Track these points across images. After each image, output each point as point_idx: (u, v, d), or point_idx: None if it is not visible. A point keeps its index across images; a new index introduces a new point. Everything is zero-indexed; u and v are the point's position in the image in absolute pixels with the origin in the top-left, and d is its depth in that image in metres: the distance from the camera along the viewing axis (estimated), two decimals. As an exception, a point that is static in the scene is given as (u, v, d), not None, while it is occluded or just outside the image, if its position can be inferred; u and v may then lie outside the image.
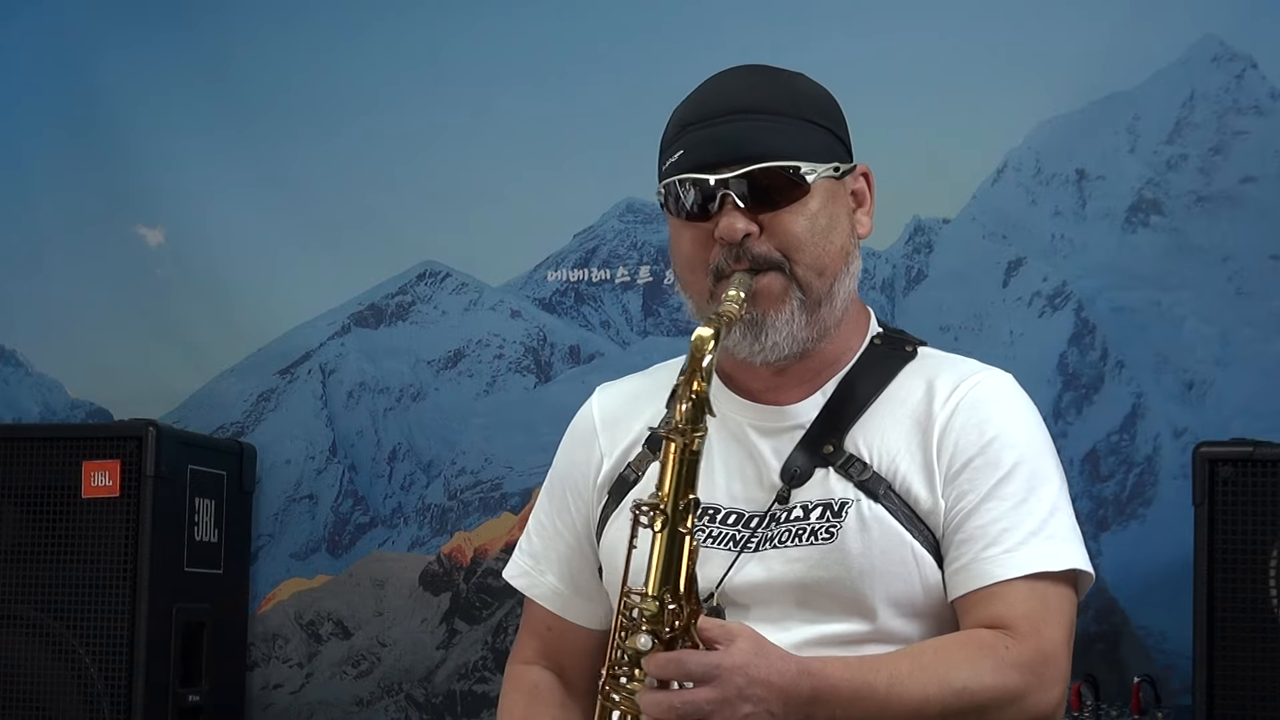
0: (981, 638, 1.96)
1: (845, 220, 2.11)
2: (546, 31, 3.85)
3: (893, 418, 2.09)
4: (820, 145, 2.08)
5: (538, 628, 2.28)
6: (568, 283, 3.85)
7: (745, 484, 2.10)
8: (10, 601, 3.43)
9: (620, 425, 2.21)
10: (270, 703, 3.90)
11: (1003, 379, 2.14)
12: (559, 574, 2.25)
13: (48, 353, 4.16)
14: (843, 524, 2.03)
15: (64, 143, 4.14)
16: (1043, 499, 2.04)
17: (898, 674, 1.89)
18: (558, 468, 2.29)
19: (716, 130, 2.05)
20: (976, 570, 2.00)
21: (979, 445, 2.04)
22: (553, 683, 2.26)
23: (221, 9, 4.04)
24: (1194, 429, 3.31)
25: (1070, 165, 3.51)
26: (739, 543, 2.05)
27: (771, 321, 2.04)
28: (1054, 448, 2.13)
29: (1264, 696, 2.80)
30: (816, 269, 2.06)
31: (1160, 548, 3.30)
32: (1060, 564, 2.01)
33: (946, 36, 3.54)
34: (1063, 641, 2.00)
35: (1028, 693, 1.95)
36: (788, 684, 1.84)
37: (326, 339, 4.02)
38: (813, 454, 2.08)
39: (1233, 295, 3.38)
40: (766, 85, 2.10)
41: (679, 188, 2.06)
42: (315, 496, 3.97)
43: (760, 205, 2.04)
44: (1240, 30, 3.39)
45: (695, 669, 1.82)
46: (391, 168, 3.94)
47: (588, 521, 2.22)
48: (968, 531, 2.01)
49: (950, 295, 3.58)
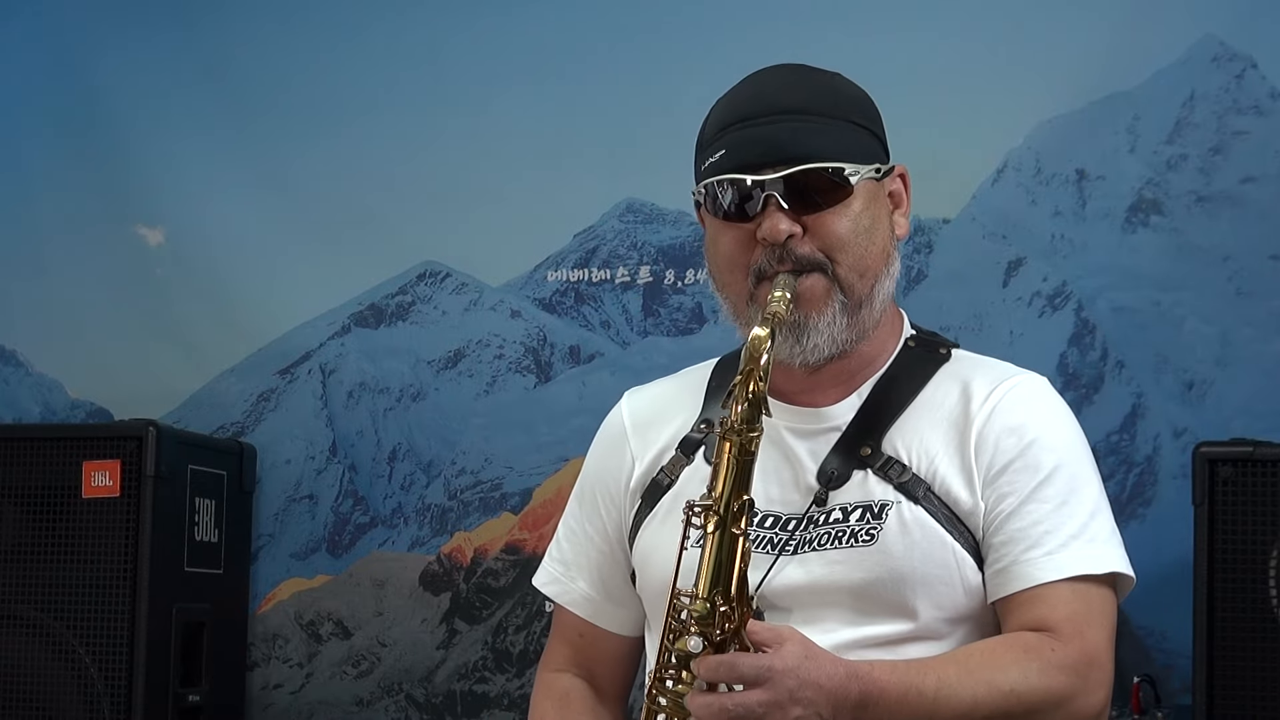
0: (1027, 641, 1.96)
1: (886, 221, 2.11)
2: (546, 31, 3.84)
3: (930, 420, 2.08)
4: (862, 146, 2.08)
5: (569, 634, 2.27)
6: (568, 283, 3.85)
7: (782, 486, 2.09)
8: (10, 601, 3.43)
9: (652, 429, 2.20)
10: (270, 703, 3.90)
11: (1039, 382, 2.14)
12: (590, 580, 2.24)
13: (48, 353, 4.16)
14: (883, 526, 2.02)
15: (64, 143, 4.14)
16: (1083, 502, 2.04)
17: (945, 678, 1.90)
18: (588, 472, 2.28)
19: (759, 130, 2.04)
20: (1018, 572, 2.00)
21: (1018, 448, 2.04)
22: (584, 690, 2.25)
23: (221, 9, 4.04)
24: (1194, 429, 3.31)
25: (1070, 165, 3.51)
26: (777, 545, 2.05)
27: (814, 324, 2.04)
28: (1090, 450, 2.12)
29: (1264, 696, 2.79)
30: (859, 270, 2.05)
31: (1160, 548, 3.29)
32: (1102, 567, 2.01)
33: (946, 36, 3.54)
34: (1106, 644, 2.00)
35: (1074, 695, 1.95)
36: (837, 687, 1.84)
37: (326, 339, 4.02)
38: (850, 456, 2.07)
39: (1233, 295, 3.38)
40: (807, 85, 2.09)
41: (719, 188, 2.05)
42: (315, 496, 3.97)
43: (803, 206, 2.03)
44: (1240, 30, 3.39)
45: (748, 671, 1.81)
46: (391, 168, 3.94)
47: (619, 527, 2.21)
48: (1008, 534, 2.01)
49: (950, 295, 3.58)
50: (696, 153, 2.12)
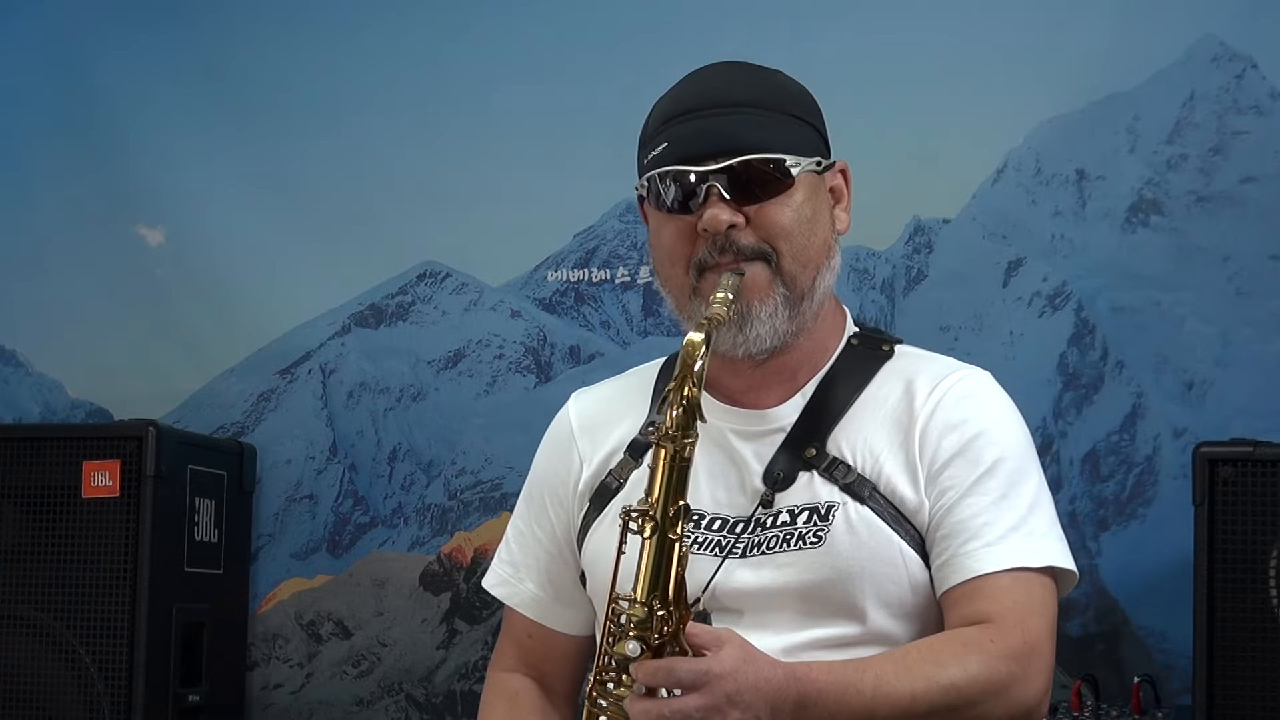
0: (966, 635, 1.97)
1: (827, 215, 2.12)
2: (547, 31, 3.85)
3: (874, 419, 2.09)
4: (803, 139, 2.09)
5: (518, 635, 2.28)
6: (568, 283, 3.85)
7: (729, 489, 2.10)
8: (10, 601, 3.43)
9: (599, 431, 2.21)
10: (270, 703, 3.90)
11: (982, 377, 2.14)
12: (538, 581, 2.25)
13: (48, 353, 4.16)
14: (831, 527, 2.03)
15: (64, 143, 4.14)
16: (1023, 495, 2.05)
17: (883, 675, 1.90)
18: (535, 475, 2.28)
19: (701, 123, 2.05)
20: (959, 564, 2.01)
21: (960, 443, 2.05)
22: (533, 690, 2.27)
23: (221, 9, 4.04)
24: (1194, 429, 3.31)
25: (1070, 165, 3.52)
26: (725, 548, 2.05)
27: (756, 313, 2.05)
28: (1033, 444, 2.13)
29: (1264, 696, 2.79)
30: (801, 261, 2.06)
31: (1160, 548, 3.30)
32: (1040, 560, 2.02)
33: (946, 36, 3.54)
34: (1046, 635, 2.00)
35: (1013, 684, 1.95)
36: (775, 690, 1.84)
37: (326, 339, 4.02)
38: (795, 457, 2.08)
39: (1233, 295, 3.38)
40: (749, 80, 2.11)
41: (661, 181, 2.06)
42: (315, 496, 3.98)
43: (745, 197, 2.04)
44: (1240, 30, 3.39)
45: (685, 676, 1.81)
46: (391, 167, 3.94)
47: (568, 528, 2.22)
48: (949, 527, 2.02)
49: (950, 295, 3.58)
50: (639, 148, 2.14)
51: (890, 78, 3.54)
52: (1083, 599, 3.33)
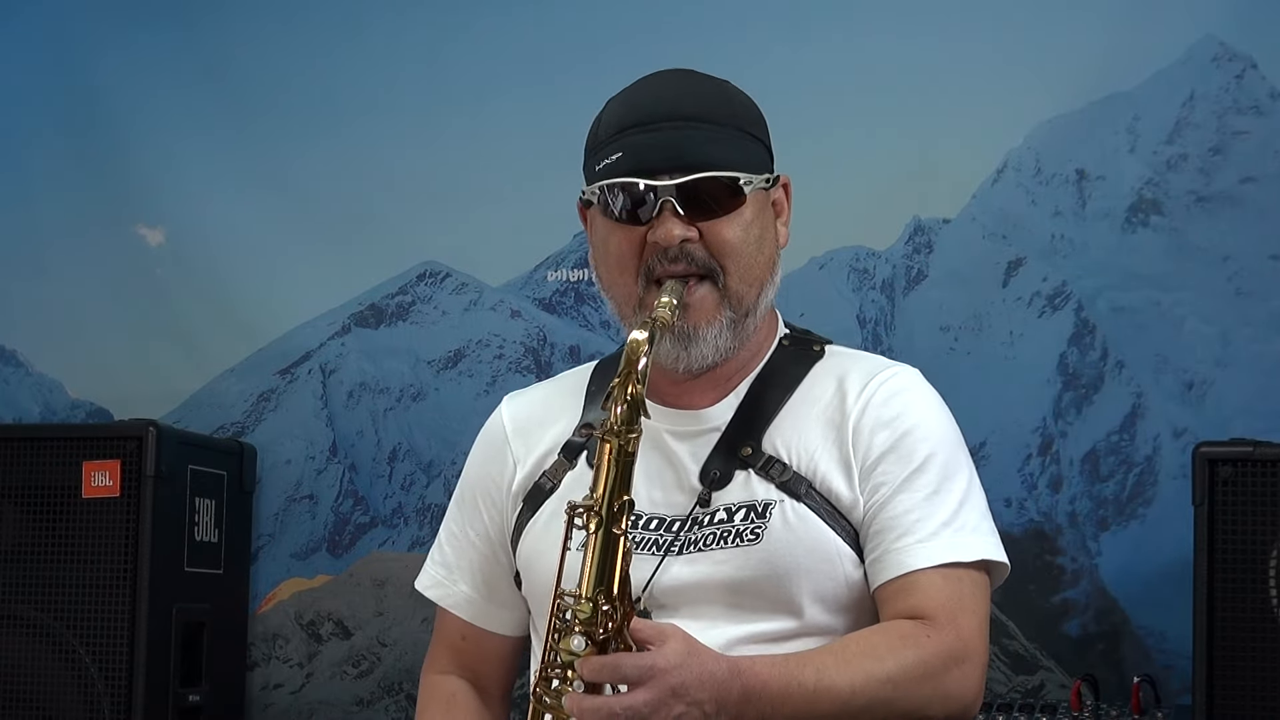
0: (902, 628, 1.99)
1: (773, 231, 2.14)
2: (546, 32, 3.85)
3: (807, 417, 2.11)
4: (753, 156, 2.11)
5: (452, 637, 2.29)
6: (568, 283, 3.85)
7: (665, 489, 2.11)
8: (10, 601, 3.43)
9: (533, 433, 2.22)
10: (270, 703, 3.90)
11: (911, 373, 2.16)
12: (472, 583, 2.26)
13: (48, 353, 4.16)
14: (768, 524, 2.05)
15: (64, 143, 4.14)
16: (953, 491, 2.07)
17: (824, 668, 1.92)
18: (468, 477, 2.31)
19: (657, 136, 2.07)
20: (891, 560, 2.03)
21: (892, 439, 2.07)
22: (469, 692, 2.28)
23: (221, 9, 4.04)
24: (1194, 429, 3.31)
25: (1070, 165, 3.52)
26: (662, 546, 2.07)
27: (702, 334, 2.07)
28: (963, 440, 2.15)
29: (1264, 696, 2.80)
30: (747, 280, 2.09)
31: (1160, 548, 3.30)
32: (971, 555, 2.04)
33: (946, 37, 3.54)
34: (979, 630, 2.02)
35: (949, 682, 1.97)
36: (719, 684, 1.86)
37: (326, 339, 4.02)
38: (731, 457, 2.09)
39: (1233, 295, 3.38)
40: (702, 93, 2.12)
41: (613, 191, 2.09)
42: (315, 496, 3.98)
43: (698, 213, 2.06)
44: (1240, 30, 3.40)
45: (631, 671, 1.83)
46: (391, 168, 3.94)
47: (501, 530, 2.23)
48: (882, 523, 2.04)
49: (950, 295, 3.59)
50: (587, 154, 2.16)
51: (890, 78, 3.54)
52: (1083, 599, 3.33)
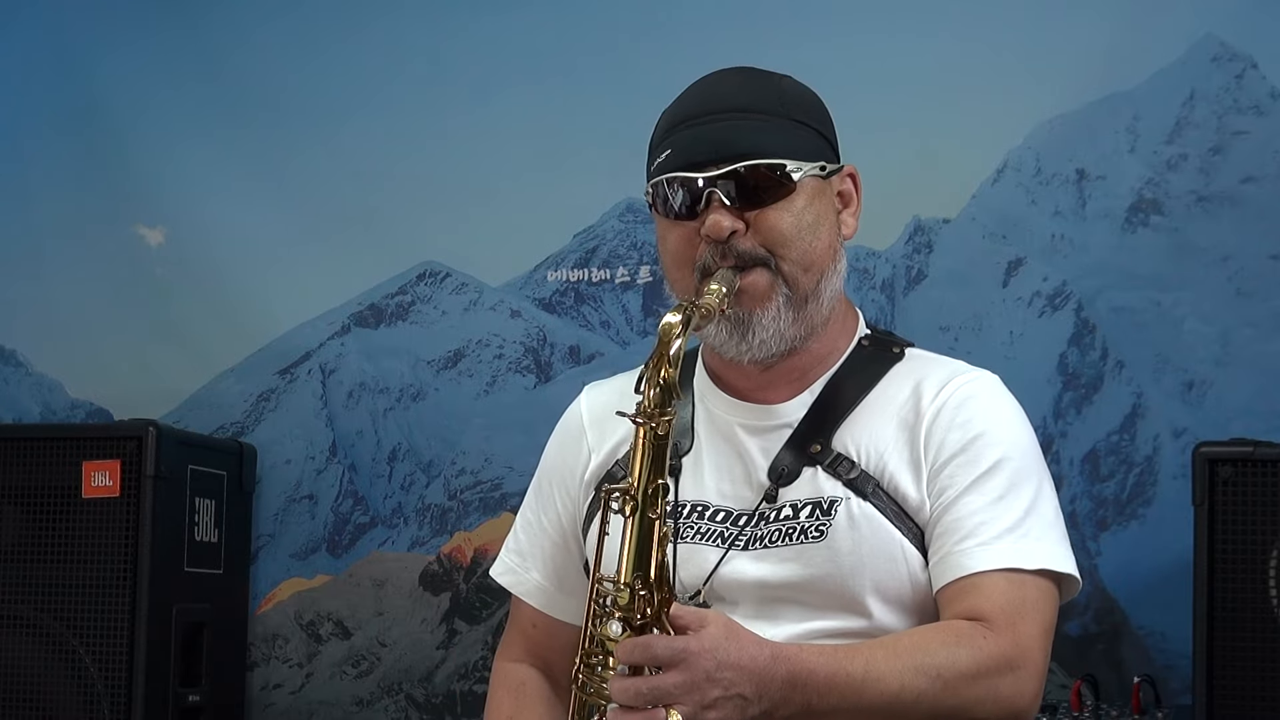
0: (959, 628, 1.97)
1: (831, 219, 2.12)
2: (546, 31, 3.85)
3: (881, 417, 2.10)
4: (806, 144, 2.09)
5: (524, 625, 2.30)
6: (568, 283, 3.85)
7: (734, 482, 2.11)
8: (10, 601, 3.43)
9: (609, 423, 2.21)
10: (270, 703, 3.90)
11: (989, 379, 2.15)
12: (544, 571, 2.26)
13: (48, 353, 4.16)
14: (832, 522, 2.04)
15: (64, 143, 4.14)
16: (1021, 497, 2.04)
17: (873, 660, 1.90)
18: (545, 465, 2.30)
19: (704, 130, 2.07)
20: (953, 562, 2.01)
21: (962, 442, 2.05)
22: (539, 680, 2.28)
23: (221, 9, 4.04)
24: (1194, 429, 3.31)
25: (1070, 165, 3.52)
26: (728, 540, 2.07)
27: (758, 319, 2.06)
28: (1039, 450, 2.13)
29: (1264, 696, 2.80)
30: (803, 265, 2.07)
31: (1160, 548, 3.30)
32: (1034, 562, 2.01)
33: (946, 36, 3.54)
34: (1039, 638, 1.99)
35: (1003, 685, 1.94)
36: (761, 668, 1.83)
37: (326, 339, 4.02)
38: (800, 453, 2.09)
39: (1233, 295, 3.38)
40: (754, 85, 2.12)
41: (666, 187, 2.08)
42: (315, 496, 3.98)
43: (747, 203, 2.05)
44: (1240, 30, 3.39)
45: (662, 653, 1.81)
46: (391, 167, 3.94)
47: (574, 518, 2.23)
48: (945, 525, 2.03)
49: (950, 295, 3.58)
50: (648, 155, 2.16)
51: (890, 78, 3.54)
52: (1083, 599, 3.33)
